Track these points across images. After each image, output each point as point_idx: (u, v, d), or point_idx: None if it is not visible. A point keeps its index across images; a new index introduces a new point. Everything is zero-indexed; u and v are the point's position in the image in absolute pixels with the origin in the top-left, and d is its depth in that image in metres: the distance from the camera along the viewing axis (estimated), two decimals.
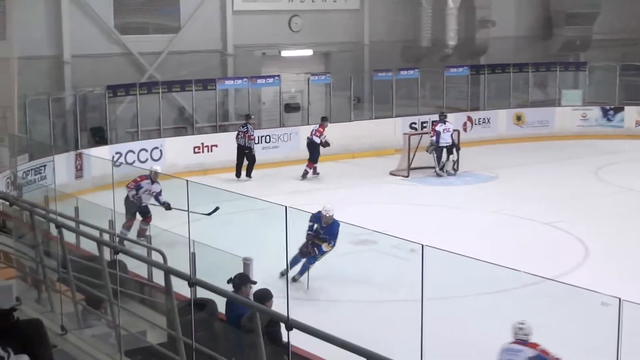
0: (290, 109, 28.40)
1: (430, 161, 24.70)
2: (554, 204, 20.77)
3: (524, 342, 9.17)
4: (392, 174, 24.92)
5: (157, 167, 18.05)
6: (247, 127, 24.19)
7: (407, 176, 24.51)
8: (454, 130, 25.24)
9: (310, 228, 14.53)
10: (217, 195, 14.81)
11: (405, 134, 26.21)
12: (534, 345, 9.09)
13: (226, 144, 25.43)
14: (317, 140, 24.50)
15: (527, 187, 23.01)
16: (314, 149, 24.59)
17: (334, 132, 25.43)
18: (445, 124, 24.91)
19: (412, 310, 7.24)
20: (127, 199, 17.10)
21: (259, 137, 25.63)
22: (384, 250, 15.40)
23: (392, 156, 26.47)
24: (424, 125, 28.26)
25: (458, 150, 24.89)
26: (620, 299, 5.54)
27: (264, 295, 9.69)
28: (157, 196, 17.20)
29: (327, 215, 14.32)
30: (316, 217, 14.47)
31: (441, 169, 24.59)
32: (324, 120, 25.16)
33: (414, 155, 24.81)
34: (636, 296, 5.88)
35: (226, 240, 14.15)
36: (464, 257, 7.41)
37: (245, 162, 24.23)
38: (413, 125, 28.60)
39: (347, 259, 15.34)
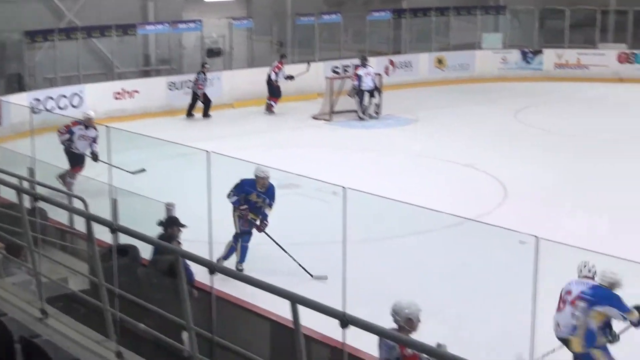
0: (212, 54, 28.13)
1: (353, 105, 24.76)
2: (474, 146, 21.03)
3: (593, 278, 8.51)
4: (314, 117, 24.94)
5: (91, 112, 17.00)
6: (198, 76, 24.89)
7: (330, 120, 24.56)
8: (376, 74, 25.31)
9: (238, 202, 12.49)
10: (139, 140, 14.61)
11: (327, 77, 26.19)
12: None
13: (147, 89, 25.26)
14: (274, 76, 25.43)
15: (447, 129, 23.22)
16: (271, 86, 25.53)
17: (256, 77, 25.83)
18: (366, 67, 24.95)
19: (335, 253, 7.30)
20: (65, 148, 16.42)
21: (181, 82, 25.79)
22: (308, 194, 15.44)
23: (314, 100, 26.46)
24: (346, 69, 28.26)
25: (380, 93, 24.99)
26: (536, 237, 5.68)
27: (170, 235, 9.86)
28: (92, 142, 16.30)
29: (265, 176, 12.41)
30: (247, 186, 12.51)
31: (363, 112, 24.64)
32: (282, 57, 26.21)
33: (337, 99, 24.88)
34: (552, 234, 6.02)
35: (149, 187, 14.09)
36: (386, 199, 7.51)
37: (201, 105, 25.07)
38: (335, 70, 28.54)
39: None
